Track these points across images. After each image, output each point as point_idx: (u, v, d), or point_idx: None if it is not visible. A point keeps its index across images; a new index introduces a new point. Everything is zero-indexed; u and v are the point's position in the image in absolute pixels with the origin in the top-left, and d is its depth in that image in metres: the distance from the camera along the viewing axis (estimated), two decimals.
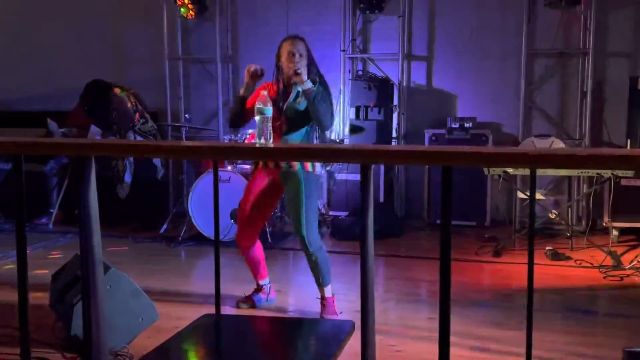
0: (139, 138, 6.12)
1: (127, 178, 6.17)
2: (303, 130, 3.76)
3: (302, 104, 3.69)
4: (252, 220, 3.91)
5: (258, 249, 4.00)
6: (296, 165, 3.68)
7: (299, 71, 3.57)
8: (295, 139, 3.74)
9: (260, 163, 3.84)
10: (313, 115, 3.62)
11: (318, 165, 3.77)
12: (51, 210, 6.51)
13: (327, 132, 5.46)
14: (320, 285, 3.80)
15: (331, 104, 3.74)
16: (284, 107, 3.72)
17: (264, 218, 4.03)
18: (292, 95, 3.74)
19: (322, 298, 3.82)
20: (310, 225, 3.68)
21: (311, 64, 3.70)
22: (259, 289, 4.07)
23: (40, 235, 6.01)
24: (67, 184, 6.45)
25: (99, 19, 7.61)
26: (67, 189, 6.45)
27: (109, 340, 2.42)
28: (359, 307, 1.94)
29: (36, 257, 5.18)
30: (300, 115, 3.72)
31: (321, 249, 3.74)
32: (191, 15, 6.98)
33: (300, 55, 3.66)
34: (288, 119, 3.73)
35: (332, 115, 3.70)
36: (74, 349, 3.19)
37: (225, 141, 6.11)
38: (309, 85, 3.59)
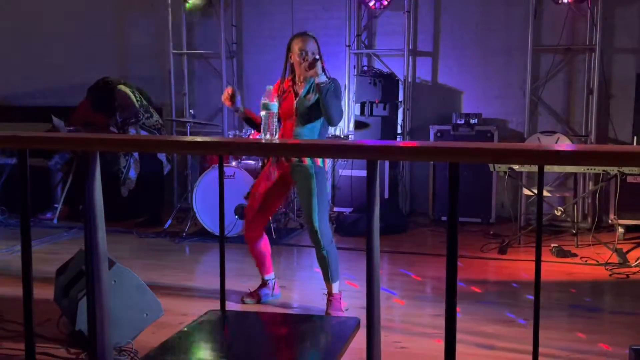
0: (143, 133, 6.12)
1: (132, 174, 6.16)
2: (315, 125, 3.76)
3: (312, 99, 3.70)
4: (260, 213, 3.93)
5: (265, 243, 4.01)
6: (307, 160, 3.70)
7: (314, 64, 3.57)
8: (307, 134, 3.74)
9: (271, 157, 3.86)
10: (323, 108, 3.63)
11: (329, 161, 3.78)
12: (56, 205, 6.52)
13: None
14: (329, 280, 3.79)
15: (340, 101, 3.78)
16: (296, 101, 3.74)
17: (270, 211, 4.08)
18: (303, 91, 3.75)
19: (329, 294, 3.80)
20: (322, 219, 3.70)
21: (320, 62, 3.70)
22: (263, 284, 4.07)
23: (44, 230, 6.01)
24: (72, 179, 6.46)
25: (103, 13, 7.60)
26: (71, 184, 6.45)
27: (113, 336, 2.42)
28: (363, 304, 1.93)
29: (40, 252, 5.18)
30: (311, 110, 3.72)
31: (332, 243, 3.75)
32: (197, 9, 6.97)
33: (313, 53, 3.69)
34: (299, 114, 3.74)
35: (341, 111, 3.74)
36: (78, 344, 3.18)
37: (230, 136, 6.10)
38: (323, 78, 3.60)
